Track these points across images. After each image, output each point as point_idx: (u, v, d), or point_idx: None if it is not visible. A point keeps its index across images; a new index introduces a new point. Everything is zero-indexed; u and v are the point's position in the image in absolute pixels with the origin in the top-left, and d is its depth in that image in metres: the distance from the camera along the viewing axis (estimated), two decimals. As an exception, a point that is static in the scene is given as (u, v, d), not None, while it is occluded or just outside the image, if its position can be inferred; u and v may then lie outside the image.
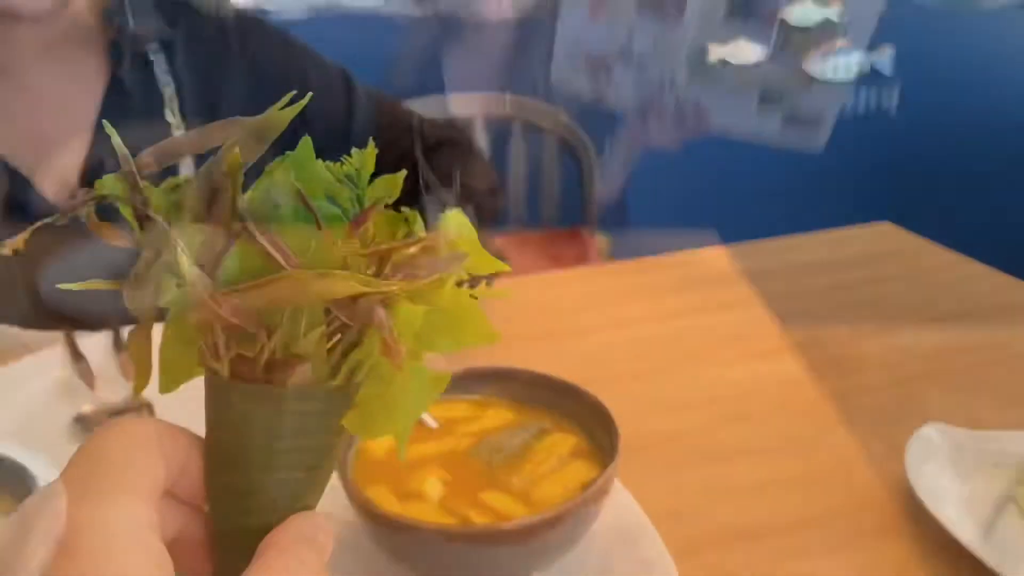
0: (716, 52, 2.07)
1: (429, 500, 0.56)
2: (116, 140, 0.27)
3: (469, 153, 1.07)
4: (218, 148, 0.27)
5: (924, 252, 1.10)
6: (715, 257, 1.08)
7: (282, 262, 0.26)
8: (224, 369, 0.27)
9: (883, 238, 1.16)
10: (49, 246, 0.78)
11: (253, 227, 0.26)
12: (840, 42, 2.17)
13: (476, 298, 0.29)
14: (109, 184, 0.27)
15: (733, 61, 2.09)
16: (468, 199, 0.96)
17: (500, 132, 1.81)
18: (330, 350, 0.27)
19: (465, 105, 1.81)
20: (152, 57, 0.94)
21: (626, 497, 0.63)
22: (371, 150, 0.28)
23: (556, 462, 0.59)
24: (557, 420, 0.62)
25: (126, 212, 0.27)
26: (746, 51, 2.10)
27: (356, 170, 0.28)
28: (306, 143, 0.28)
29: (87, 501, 0.23)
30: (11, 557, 0.22)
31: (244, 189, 0.27)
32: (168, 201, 0.27)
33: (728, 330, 0.90)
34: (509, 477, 0.58)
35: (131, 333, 0.30)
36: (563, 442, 0.61)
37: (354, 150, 0.28)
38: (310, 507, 0.29)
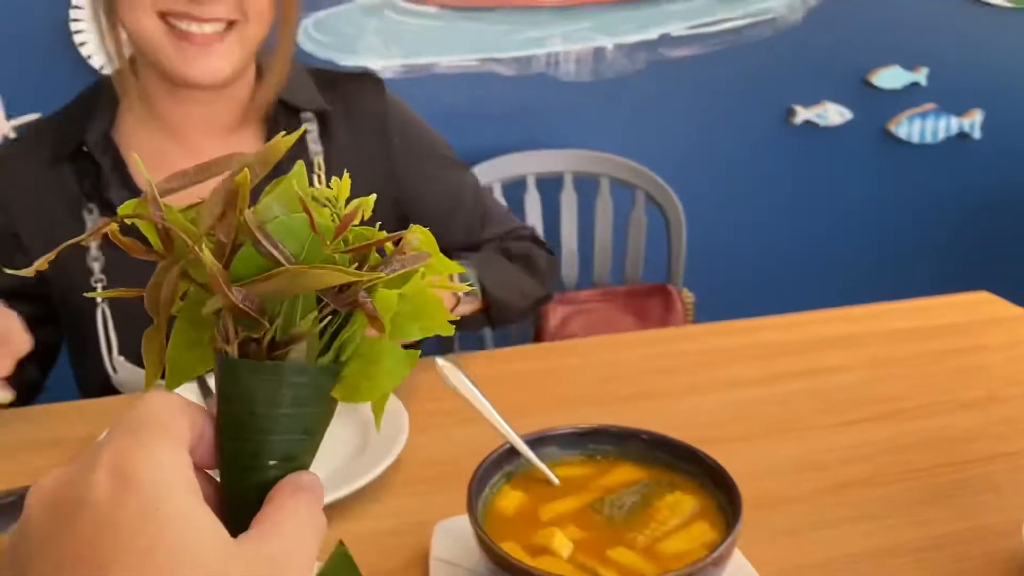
0: (802, 114, 2.09)
1: (558, 556, 0.58)
2: (142, 168, 0.33)
3: (541, 267, 1.16)
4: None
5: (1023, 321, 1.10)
6: (814, 321, 1.09)
7: (281, 260, 0.32)
8: (234, 350, 0.33)
9: (981, 307, 1.16)
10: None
11: (258, 232, 0.32)
12: (927, 105, 2.18)
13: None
14: (131, 207, 0.33)
15: (819, 123, 2.11)
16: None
17: (588, 187, 1.85)
18: (321, 333, 0.33)
19: (554, 161, 1.86)
20: (306, 126, 1.02)
21: (741, 558, 0.65)
22: (346, 180, 0.35)
23: (679, 521, 0.61)
24: (678, 480, 0.64)
25: (147, 228, 0.33)
26: (832, 113, 2.11)
27: (335, 195, 0.34)
28: (300, 168, 0.34)
29: (139, 446, 0.28)
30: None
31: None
32: (185, 218, 0.33)
33: (833, 395, 0.91)
34: (633, 534, 0.60)
35: (146, 334, 0.35)
36: (684, 501, 0.63)
37: (334, 179, 0.35)
38: (305, 466, 0.34)
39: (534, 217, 1.83)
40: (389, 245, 0.34)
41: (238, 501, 0.32)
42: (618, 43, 1.96)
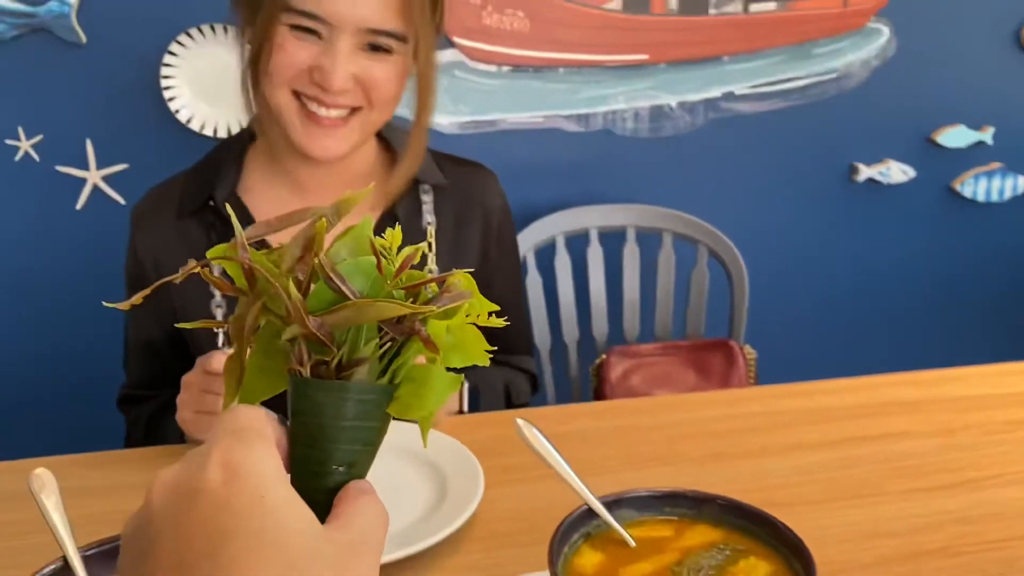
0: (865, 171, 2.10)
1: (639, 615, 0.60)
2: (234, 219, 0.39)
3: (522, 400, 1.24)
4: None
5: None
6: (882, 384, 1.09)
7: (349, 295, 0.38)
8: (307, 371, 0.39)
9: (1052, 373, 1.15)
10: None
11: (331, 271, 0.38)
12: (993, 164, 2.16)
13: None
14: (221, 251, 0.39)
15: (882, 181, 2.11)
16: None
17: (650, 241, 1.88)
18: (381, 357, 0.39)
19: (617, 215, 1.89)
20: (423, 197, 1.11)
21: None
22: (398, 231, 0.40)
23: (754, 586, 0.63)
24: (753, 544, 0.66)
25: (233, 269, 0.39)
26: (895, 171, 2.12)
27: (390, 244, 0.40)
28: (366, 221, 0.41)
29: (244, 445, 0.34)
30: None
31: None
32: (268, 260, 0.39)
33: (901, 461, 0.92)
34: (710, 598, 0.62)
35: (227, 360, 0.41)
36: (760, 567, 0.64)
37: (388, 230, 0.41)
38: (363, 473, 0.39)
39: (596, 270, 1.86)
40: (434, 286, 0.40)
41: (308, 500, 0.37)
42: (680, 101, 2.00)
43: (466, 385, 1.09)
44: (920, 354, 2.25)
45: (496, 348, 0.42)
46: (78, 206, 1.79)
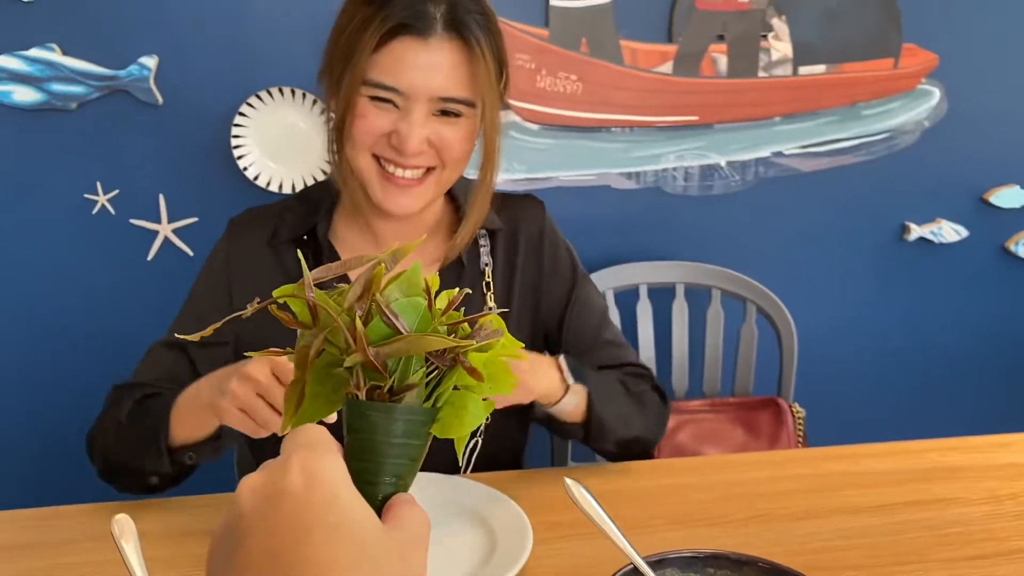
0: (916, 231, 2.10)
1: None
2: (303, 264, 0.47)
3: (652, 410, 1.23)
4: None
5: None
6: (930, 449, 1.10)
7: (401, 329, 0.45)
8: (363, 394, 0.45)
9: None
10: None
11: (386, 309, 0.45)
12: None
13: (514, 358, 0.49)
14: (289, 290, 0.46)
15: (934, 240, 2.11)
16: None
17: (699, 298, 1.90)
18: (427, 384, 0.46)
19: (667, 272, 1.92)
20: (480, 242, 1.19)
21: None
22: (435, 277, 0.48)
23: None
24: (794, 610, 0.68)
25: (298, 306, 0.47)
26: (947, 231, 2.12)
27: (432, 288, 0.48)
28: (416, 266, 0.48)
29: (317, 455, 0.40)
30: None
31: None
32: (331, 299, 0.46)
33: (949, 528, 0.92)
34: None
35: (289, 386, 0.47)
36: (801, 632, 0.66)
37: (430, 276, 0.48)
38: (408, 485, 0.46)
39: (645, 325, 1.89)
40: (466, 326, 0.47)
41: None
42: (730, 160, 2.04)
43: (563, 359, 1.10)
44: (970, 416, 2.22)
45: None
46: (149, 257, 1.88)
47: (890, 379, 2.22)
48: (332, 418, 0.49)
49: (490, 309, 1.15)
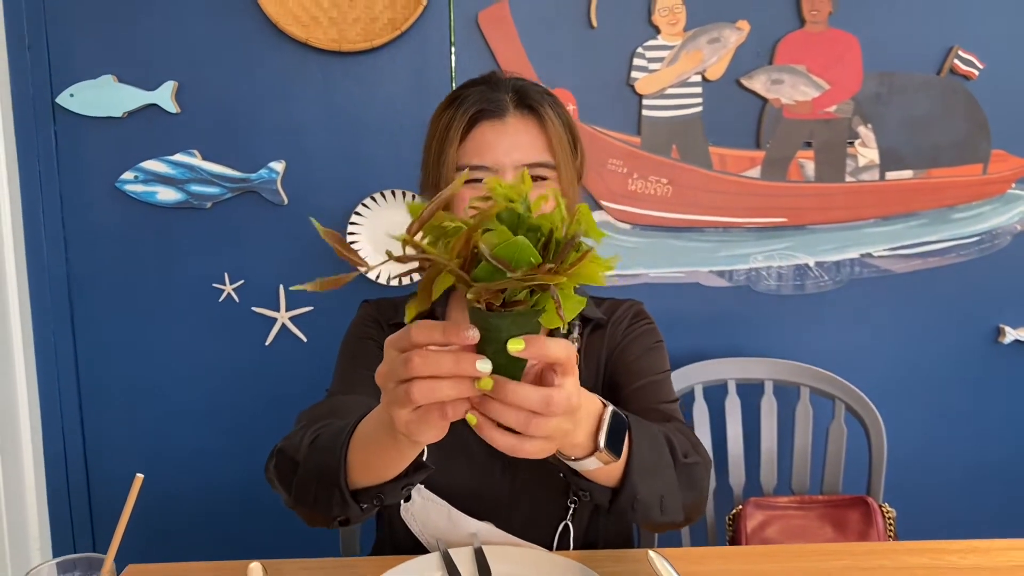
0: (1011, 334, 2.10)
1: None
2: (414, 208, 0.67)
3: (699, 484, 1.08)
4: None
5: None
6: (1011, 548, 1.11)
7: (503, 269, 0.63)
8: (483, 306, 0.66)
9: None
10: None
11: (486, 252, 0.63)
12: None
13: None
14: (400, 237, 0.66)
15: (1030, 342, 2.10)
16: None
17: (788, 395, 1.93)
18: (531, 296, 0.66)
19: (755, 368, 1.96)
20: (575, 325, 1.28)
21: None
22: (526, 177, 0.70)
23: None
24: None
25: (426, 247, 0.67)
26: (1045, 333, 2.10)
27: (544, 226, 0.66)
28: (502, 229, 0.65)
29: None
30: None
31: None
32: (442, 244, 0.66)
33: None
34: None
35: (420, 282, 0.68)
36: None
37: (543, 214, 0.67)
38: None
39: (734, 420, 1.93)
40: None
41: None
42: (819, 261, 2.09)
43: (607, 412, 0.88)
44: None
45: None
46: (267, 342, 2.04)
47: (986, 484, 2.17)
48: None
49: None
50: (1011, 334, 2.11)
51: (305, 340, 2.03)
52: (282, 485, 1.02)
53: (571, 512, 1.19)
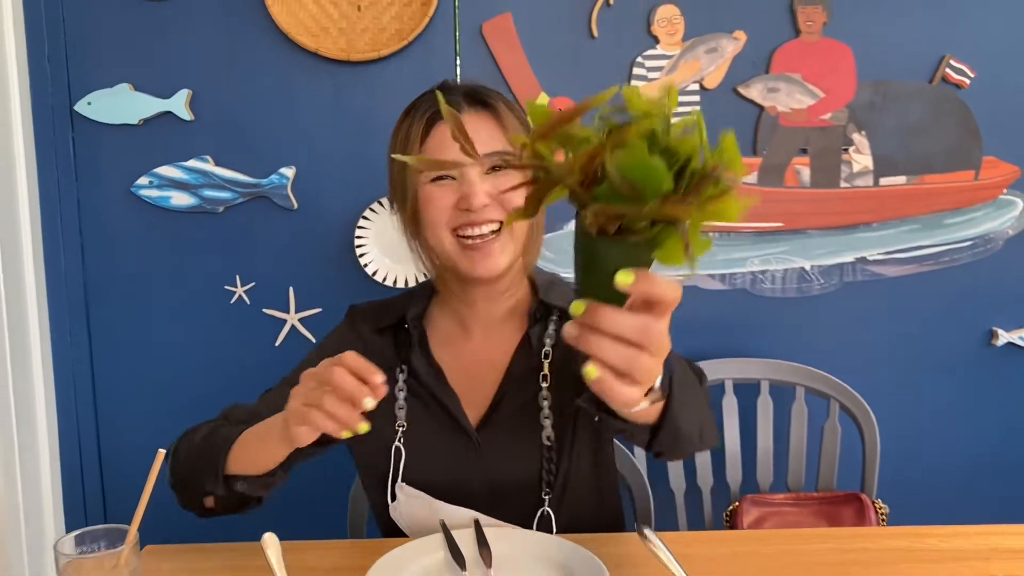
0: (1004, 336, 2.14)
1: None
2: (548, 156, 0.63)
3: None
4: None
5: None
6: (990, 532, 1.16)
7: (627, 193, 0.57)
8: (594, 231, 0.61)
9: None
10: None
11: (614, 172, 0.57)
12: None
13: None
14: (521, 139, 0.63)
15: (1023, 345, 2.14)
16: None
17: (784, 394, 1.98)
18: (651, 227, 0.61)
19: (752, 368, 2.01)
20: (550, 325, 1.27)
21: None
22: (674, 93, 0.65)
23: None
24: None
25: (544, 150, 0.62)
26: (1037, 335, 2.14)
27: (680, 150, 0.60)
28: (640, 146, 0.59)
29: None
30: None
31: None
32: (567, 153, 0.62)
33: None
34: None
35: (530, 192, 0.64)
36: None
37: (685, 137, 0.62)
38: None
39: (731, 419, 1.98)
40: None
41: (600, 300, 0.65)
42: (814, 264, 2.14)
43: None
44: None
45: None
46: (277, 343, 2.09)
47: (978, 481, 2.21)
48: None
49: (544, 384, 1.24)
50: (1004, 337, 2.15)
51: (314, 341, 2.08)
52: (173, 458, 1.18)
53: (547, 501, 1.21)
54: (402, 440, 1.25)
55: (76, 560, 0.84)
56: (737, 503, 1.91)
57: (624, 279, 0.62)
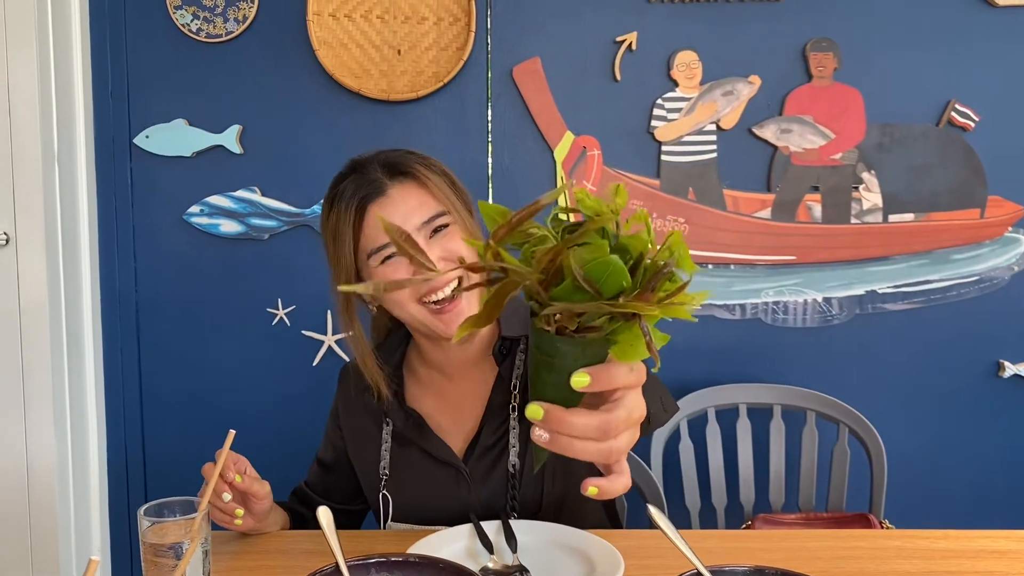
0: (1010, 368, 2.22)
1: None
2: (508, 258, 0.60)
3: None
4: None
5: None
6: (979, 536, 1.24)
7: (589, 290, 0.57)
8: (552, 330, 0.60)
9: None
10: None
11: (579, 278, 0.57)
12: None
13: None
14: (480, 244, 0.60)
15: (1028, 376, 2.22)
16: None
17: (795, 419, 2.07)
18: (608, 324, 0.60)
19: (765, 394, 2.11)
20: (519, 355, 1.32)
21: None
22: (623, 191, 0.62)
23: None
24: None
25: (507, 255, 0.60)
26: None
27: (636, 250, 0.60)
28: (601, 244, 0.58)
29: None
30: None
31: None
32: (527, 258, 0.61)
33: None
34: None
35: (490, 295, 0.61)
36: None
37: (635, 236, 0.60)
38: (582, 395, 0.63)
39: (744, 442, 2.07)
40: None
41: (558, 402, 0.62)
42: (826, 296, 2.24)
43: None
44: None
45: None
46: (314, 363, 2.22)
47: (985, 505, 2.28)
48: None
49: (513, 415, 1.29)
50: (1011, 369, 2.23)
51: (347, 360, 2.21)
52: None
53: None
54: (386, 487, 1.33)
55: (158, 525, 0.96)
56: (750, 521, 1.99)
57: (581, 380, 0.61)
